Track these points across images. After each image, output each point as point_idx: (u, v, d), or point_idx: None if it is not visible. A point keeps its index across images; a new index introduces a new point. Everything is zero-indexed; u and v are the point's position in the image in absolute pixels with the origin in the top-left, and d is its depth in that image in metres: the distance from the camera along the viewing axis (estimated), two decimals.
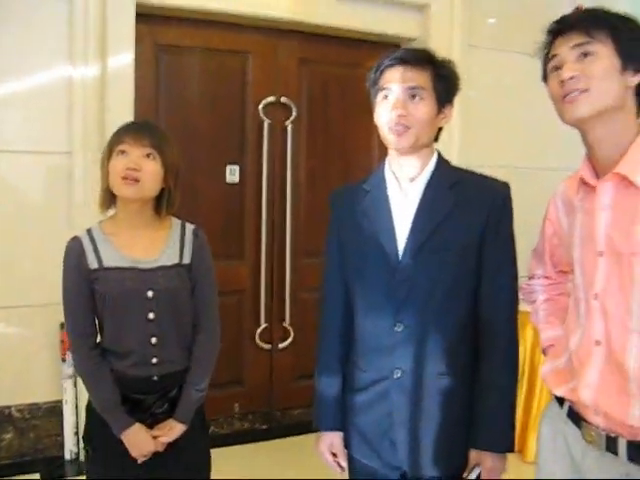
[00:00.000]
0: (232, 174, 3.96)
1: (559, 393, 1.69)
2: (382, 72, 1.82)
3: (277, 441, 3.76)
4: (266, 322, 4.08)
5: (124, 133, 2.02)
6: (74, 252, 2.03)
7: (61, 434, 3.48)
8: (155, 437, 2.03)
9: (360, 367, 1.91)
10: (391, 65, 1.80)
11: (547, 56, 1.62)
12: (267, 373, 4.14)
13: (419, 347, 1.80)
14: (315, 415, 2.02)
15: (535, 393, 3.60)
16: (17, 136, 3.39)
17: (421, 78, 1.77)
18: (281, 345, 4.10)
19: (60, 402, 3.46)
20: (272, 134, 3.99)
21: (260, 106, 3.94)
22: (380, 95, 1.82)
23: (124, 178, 1.95)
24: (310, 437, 2.10)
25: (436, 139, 1.89)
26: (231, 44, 3.88)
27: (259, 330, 4.07)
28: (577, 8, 1.63)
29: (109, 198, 2.05)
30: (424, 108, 1.77)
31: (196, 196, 3.85)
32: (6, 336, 3.42)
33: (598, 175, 1.58)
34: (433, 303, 1.80)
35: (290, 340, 4.12)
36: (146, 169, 1.96)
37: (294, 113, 4.01)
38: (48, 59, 3.41)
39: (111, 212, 2.10)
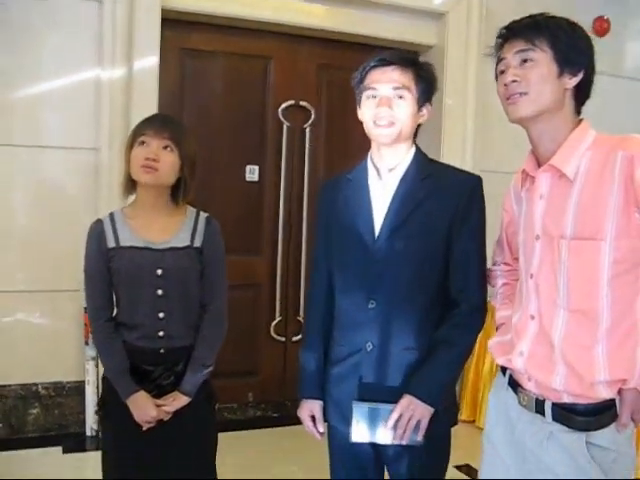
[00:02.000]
0: (251, 173, 4.15)
1: (500, 362, 1.87)
2: (368, 72, 1.96)
3: (287, 428, 3.91)
4: (281, 315, 4.27)
5: (146, 125, 2.21)
6: (95, 232, 2.24)
7: (83, 412, 3.70)
8: (159, 406, 2.19)
9: (337, 341, 2.06)
10: (377, 66, 1.94)
11: (497, 59, 1.77)
12: (280, 365, 4.32)
13: (389, 323, 1.95)
14: (298, 386, 2.16)
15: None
16: (50, 133, 3.64)
17: (405, 78, 1.92)
18: (295, 338, 4.25)
19: (83, 382, 3.67)
20: (291, 136, 4.18)
21: (280, 109, 4.14)
22: (366, 94, 1.96)
23: (143, 166, 2.13)
24: None
25: (415, 135, 2.02)
26: (253, 49, 4.08)
27: (274, 323, 4.26)
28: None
29: (130, 184, 2.24)
30: (407, 106, 1.92)
31: (216, 193, 4.05)
32: (35, 318, 3.66)
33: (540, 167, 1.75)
34: (403, 283, 1.94)
35: None
36: (164, 159, 2.14)
37: (313, 116, 4.20)
38: (79, 62, 3.66)
39: (132, 198, 2.30)
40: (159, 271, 2.18)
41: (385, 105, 1.91)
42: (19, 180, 3.63)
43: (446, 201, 1.95)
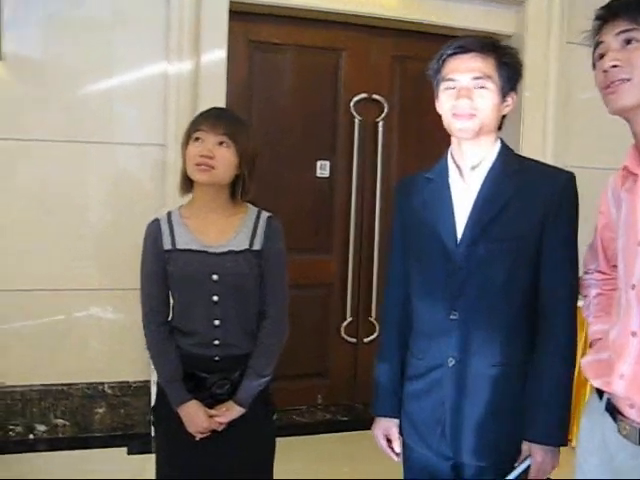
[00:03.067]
0: (322, 169, 4.03)
1: (596, 384, 1.66)
2: (445, 61, 1.81)
3: (357, 433, 3.78)
4: (352, 316, 4.13)
5: (201, 120, 2.11)
6: (152, 233, 2.15)
7: (149, 412, 3.62)
8: (212, 416, 2.09)
9: (415, 354, 1.92)
10: (454, 54, 1.79)
11: (595, 44, 1.58)
12: (351, 366, 4.18)
13: (474, 336, 1.79)
14: (372, 401, 2.03)
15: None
16: (118, 129, 3.59)
17: (486, 66, 1.76)
18: (366, 339, 4.13)
19: (149, 382, 3.61)
20: (363, 131, 4.04)
21: (351, 103, 4.00)
22: (444, 85, 1.80)
23: (198, 164, 2.03)
24: None
25: (499, 127, 1.86)
26: (324, 41, 3.95)
27: (345, 324, 4.12)
28: None
29: (187, 183, 2.14)
30: (489, 97, 1.76)
31: (286, 190, 3.96)
32: (101, 317, 3.63)
33: None
34: (489, 292, 1.78)
35: (376, 334, 4.11)
36: (219, 156, 2.03)
37: (386, 110, 4.04)
38: (146, 57, 3.60)
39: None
40: (215, 276, 2.08)
41: (465, 97, 1.75)
42: (89, 177, 3.60)
43: (536, 200, 1.77)
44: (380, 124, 4.05)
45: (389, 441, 2.00)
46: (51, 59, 3.49)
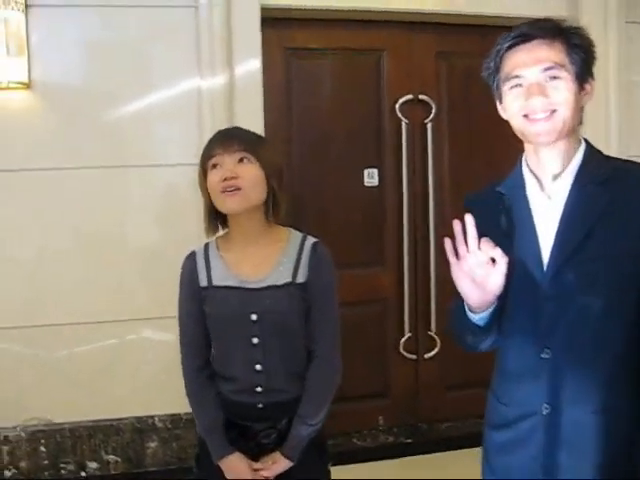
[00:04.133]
0: (371, 177, 3.82)
1: None
2: (504, 56, 1.56)
3: (423, 457, 3.56)
4: (410, 331, 3.89)
5: (211, 145, 1.94)
6: (187, 269, 1.99)
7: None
8: (257, 470, 1.91)
9: (500, 399, 1.67)
10: (515, 45, 1.54)
11: None
12: (413, 384, 3.94)
13: (571, 378, 1.54)
14: None
15: None
16: (153, 151, 3.45)
17: (555, 54, 1.51)
18: (427, 355, 3.90)
19: None
20: (411, 134, 3.81)
21: (397, 105, 3.77)
22: (508, 85, 1.55)
23: (223, 191, 1.84)
24: (458, 453, 1.87)
25: (580, 122, 1.60)
26: (363, 42, 3.74)
27: (403, 340, 3.89)
28: None
29: (214, 219, 1.97)
30: (566, 88, 1.51)
31: (334, 202, 3.78)
32: (148, 348, 3.48)
33: None
34: (587, 324, 1.52)
35: (437, 350, 3.89)
36: (244, 175, 1.85)
37: (434, 111, 3.80)
38: (178, 74, 3.44)
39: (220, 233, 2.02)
40: (254, 316, 1.88)
41: (538, 94, 1.50)
42: (126, 203, 3.47)
43: (635, 211, 1.50)
44: (429, 126, 3.81)
45: None
46: (79, 84, 3.37)
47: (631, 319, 1.51)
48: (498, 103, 1.63)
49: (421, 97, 3.80)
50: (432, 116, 3.80)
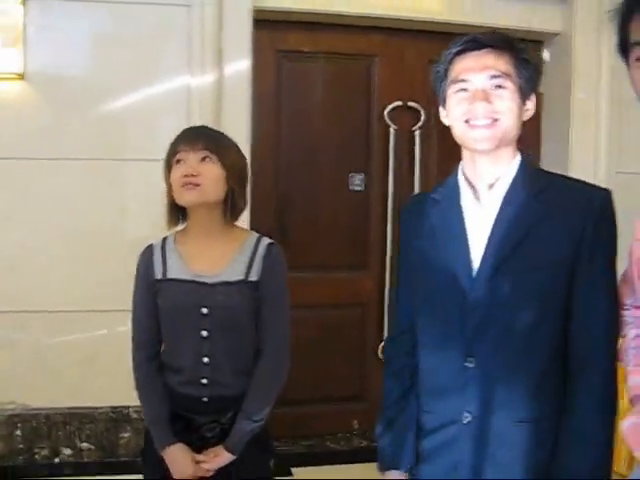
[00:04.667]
0: (356, 182, 3.84)
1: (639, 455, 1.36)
2: (452, 61, 1.56)
3: None
4: None
5: (178, 142, 1.98)
6: (143, 262, 2.04)
7: None
8: (199, 462, 1.93)
9: (424, 408, 1.65)
10: (464, 51, 1.54)
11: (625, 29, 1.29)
12: None
13: (494, 387, 1.53)
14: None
15: None
16: (140, 145, 3.49)
17: (503, 64, 1.51)
18: None
19: None
20: (399, 140, 3.84)
21: (386, 111, 3.80)
22: (453, 88, 1.55)
23: (183, 185, 1.89)
24: None
25: (518, 139, 1.60)
26: (355, 47, 3.78)
27: (382, 345, 3.88)
28: None
29: (175, 213, 2.00)
30: (510, 99, 1.51)
31: (319, 204, 3.82)
32: (127, 340, 3.51)
33: None
34: (513, 334, 1.51)
35: None
36: (204, 172, 1.89)
37: (422, 118, 3.82)
38: (168, 70, 3.49)
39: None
40: (204, 310, 1.92)
41: (481, 99, 1.50)
42: (115, 195, 3.52)
43: (568, 224, 1.50)
44: (417, 133, 3.83)
45: None
46: (73, 77, 3.43)
47: (558, 330, 1.52)
48: (441, 109, 1.63)
49: (410, 104, 3.82)
50: (420, 123, 3.82)
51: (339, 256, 3.85)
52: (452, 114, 1.57)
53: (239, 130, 3.40)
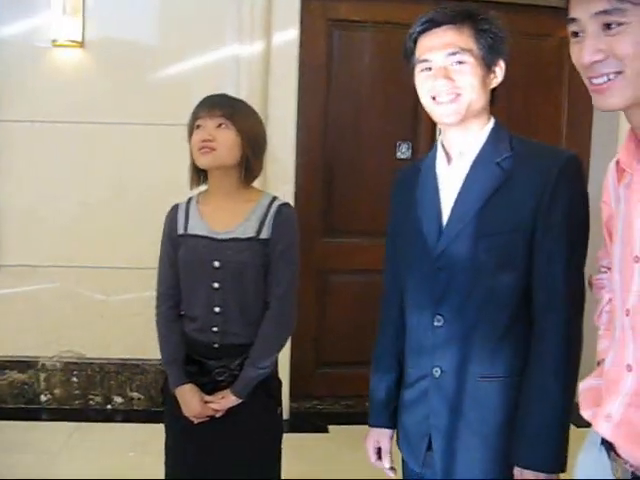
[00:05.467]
0: (403, 150, 3.89)
1: (585, 416, 1.38)
2: (417, 40, 1.61)
3: None
4: None
5: (199, 108, 2.12)
6: (168, 218, 2.21)
7: None
8: (208, 402, 2.08)
9: (407, 363, 1.76)
10: (424, 30, 1.58)
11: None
12: None
13: (460, 344, 1.60)
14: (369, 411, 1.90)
15: None
16: (189, 111, 3.59)
17: (462, 39, 1.55)
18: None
19: None
20: None
21: None
22: (419, 67, 1.60)
23: (200, 149, 2.03)
24: None
25: (492, 102, 1.65)
26: (406, 17, 3.72)
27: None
28: None
29: (197, 174, 2.15)
30: (471, 72, 1.56)
31: (366, 173, 3.89)
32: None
33: None
34: (476, 295, 1.58)
35: None
36: (220, 138, 2.02)
37: None
38: (219, 39, 3.62)
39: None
40: (216, 263, 2.05)
41: (442, 77, 1.55)
42: (166, 159, 3.61)
43: (529, 188, 1.55)
44: None
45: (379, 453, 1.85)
46: (128, 44, 3.61)
47: (519, 291, 1.57)
48: (415, 82, 1.67)
49: None
50: None
51: (383, 223, 3.90)
52: (420, 91, 1.63)
53: (287, 99, 3.51)
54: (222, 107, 2.07)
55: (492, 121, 1.65)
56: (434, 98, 1.58)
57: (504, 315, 1.59)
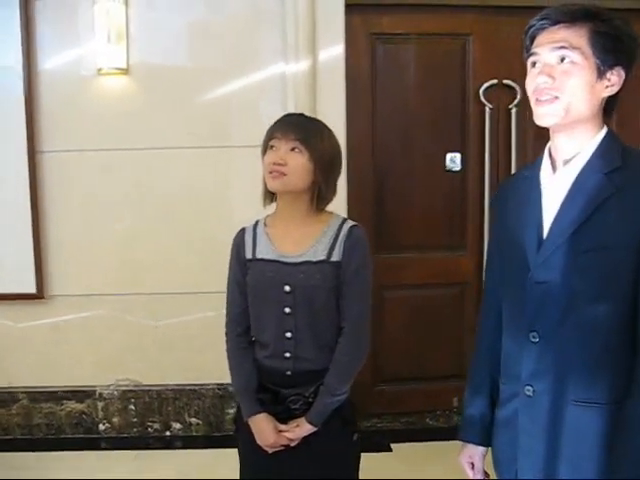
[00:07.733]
0: (453, 162, 3.84)
1: None
2: (532, 37, 1.54)
3: None
4: None
5: (274, 128, 2.06)
6: (236, 242, 2.15)
7: None
8: (282, 431, 2.02)
9: (501, 378, 1.69)
10: (541, 27, 1.51)
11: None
12: None
13: (556, 364, 1.52)
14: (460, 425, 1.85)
15: None
16: (240, 132, 3.61)
17: (573, 37, 1.45)
18: None
19: None
20: (495, 119, 3.80)
21: (481, 90, 3.77)
22: (529, 62, 1.54)
23: (270, 172, 1.99)
24: None
25: (606, 113, 1.54)
26: (449, 27, 3.75)
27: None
28: None
29: (269, 193, 2.11)
30: (577, 74, 1.46)
31: (415, 185, 3.85)
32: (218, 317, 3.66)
33: None
34: (573, 312, 1.48)
35: None
36: (291, 163, 1.97)
37: (519, 96, 3.74)
38: (263, 57, 3.60)
39: None
40: (287, 287, 2.00)
41: (544, 73, 1.47)
42: (215, 182, 3.69)
43: (638, 205, 1.44)
44: (513, 111, 3.78)
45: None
46: (172, 68, 3.61)
47: (620, 310, 1.46)
48: None
49: (506, 82, 3.76)
50: (517, 101, 3.76)
51: (436, 237, 3.88)
52: (528, 90, 1.55)
53: (335, 114, 3.48)
54: (297, 130, 2.01)
55: (604, 130, 1.55)
56: (536, 99, 1.51)
57: (604, 337, 1.48)
